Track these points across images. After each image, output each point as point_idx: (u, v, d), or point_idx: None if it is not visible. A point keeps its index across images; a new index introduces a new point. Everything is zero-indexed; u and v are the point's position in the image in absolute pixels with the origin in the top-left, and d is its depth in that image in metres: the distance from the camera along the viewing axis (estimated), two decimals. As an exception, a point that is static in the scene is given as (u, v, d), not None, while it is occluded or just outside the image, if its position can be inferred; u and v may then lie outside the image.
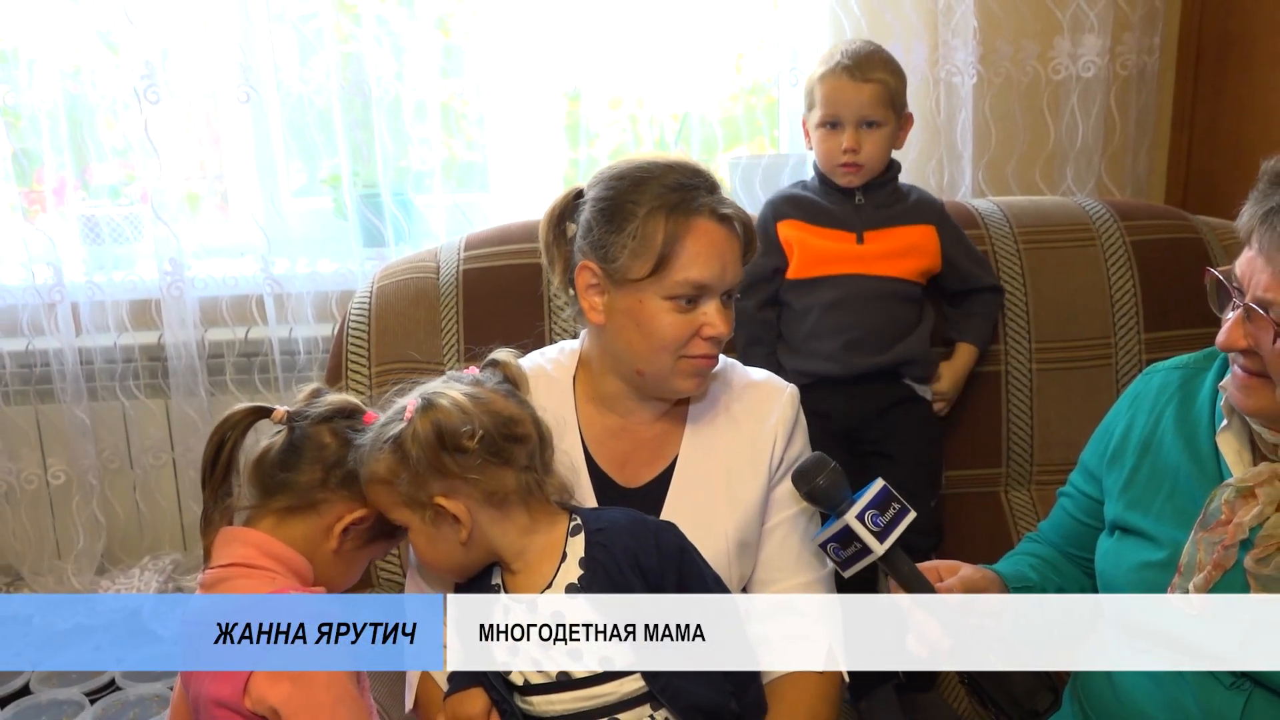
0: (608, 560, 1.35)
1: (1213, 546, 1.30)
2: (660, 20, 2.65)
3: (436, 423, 1.31)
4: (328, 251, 2.78)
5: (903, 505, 1.38)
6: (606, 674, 1.34)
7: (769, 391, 1.58)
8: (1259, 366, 1.26)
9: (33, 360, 2.75)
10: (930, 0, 2.59)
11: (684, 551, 1.40)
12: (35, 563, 2.87)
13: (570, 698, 1.35)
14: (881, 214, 1.96)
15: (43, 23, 2.56)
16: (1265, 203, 1.25)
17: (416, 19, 2.63)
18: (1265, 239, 1.23)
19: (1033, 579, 1.51)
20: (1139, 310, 2.06)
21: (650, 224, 1.42)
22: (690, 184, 1.45)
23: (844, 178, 1.95)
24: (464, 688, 1.39)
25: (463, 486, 1.33)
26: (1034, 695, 1.31)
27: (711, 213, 1.44)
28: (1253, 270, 1.25)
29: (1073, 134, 2.68)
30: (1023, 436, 2.06)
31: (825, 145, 1.95)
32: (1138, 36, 2.63)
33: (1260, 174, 1.28)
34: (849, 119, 1.92)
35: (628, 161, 1.50)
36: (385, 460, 1.33)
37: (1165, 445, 1.42)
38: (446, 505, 1.32)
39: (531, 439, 1.37)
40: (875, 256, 1.94)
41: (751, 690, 1.43)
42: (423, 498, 1.33)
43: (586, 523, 1.39)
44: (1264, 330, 1.24)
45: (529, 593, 1.36)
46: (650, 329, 1.44)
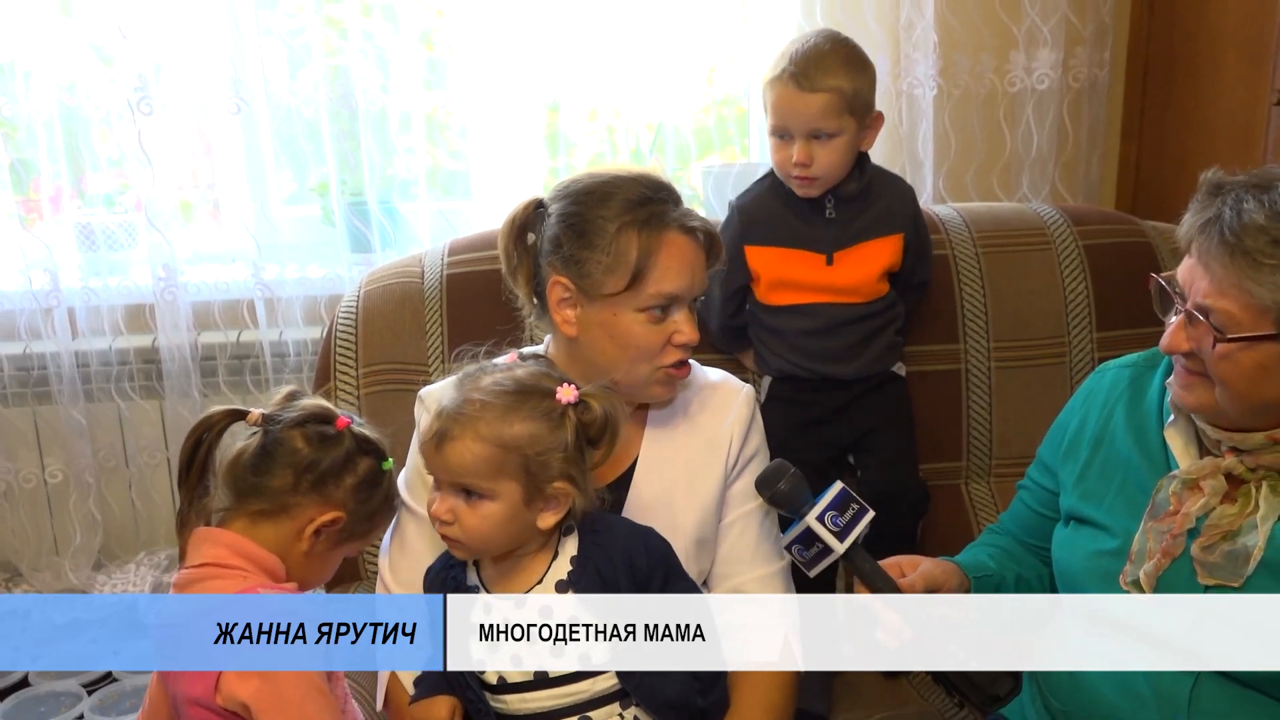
0: (601, 559, 1.34)
1: (1161, 535, 1.31)
2: (636, 35, 2.65)
3: (606, 411, 1.31)
4: (316, 257, 2.77)
5: (861, 506, 1.38)
6: (581, 672, 1.33)
7: (726, 392, 1.57)
8: (1200, 367, 1.27)
9: (30, 363, 2.72)
10: (892, 16, 2.59)
11: (669, 554, 1.40)
12: (34, 559, 2.84)
13: (545, 695, 1.34)
14: (852, 228, 1.82)
15: (38, 37, 2.53)
16: (1203, 213, 1.25)
17: (401, 34, 2.61)
18: (1203, 248, 1.24)
19: (992, 568, 1.52)
20: (1091, 311, 2.07)
21: (623, 240, 1.41)
22: (656, 198, 1.44)
23: (800, 189, 1.80)
24: (430, 693, 1.38)
25: (578, 475, 1.32)
26: (995, 681, 1.32)
27: (680, 227, 1.43)
28: (1193, 277, 1.26)
29: (1028, 143, 2.69)
30: (982, 431, 2.07)
31: (777, 155, 1.78)
32: (1089, 51, 2.65)
33: (1199, 184, 1.29)
34: (798, 131, 1.73)
35: (590, 176, 1.48)
36: (528, 430, 1.28)
37: (1116, 439, 1.42)
38: (567, 490, 1.31)
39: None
40: (844, 281, 1.83)
41: (717, 688, 1.43)
42: (545, 476, 1.30)
43: (579, 524, 1.37)
44: (1204, 334, 1.24)
45: (516, 586, 1.35)
46: (625, 340, 1.44)
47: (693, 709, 1.38)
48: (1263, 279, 1.19)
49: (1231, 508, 1.29)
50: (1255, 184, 1.24)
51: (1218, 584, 1.28)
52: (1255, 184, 1.24)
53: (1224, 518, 1.28)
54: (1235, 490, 1.30)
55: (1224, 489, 1.30)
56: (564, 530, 1.37)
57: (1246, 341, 1.21)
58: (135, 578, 2.81)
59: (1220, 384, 1.25)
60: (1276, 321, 1.20)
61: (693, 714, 1.38)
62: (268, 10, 2.66)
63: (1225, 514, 1.29)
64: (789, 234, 1.83)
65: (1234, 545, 1.27)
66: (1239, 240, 1.20)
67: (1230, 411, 1.27)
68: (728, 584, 1.53)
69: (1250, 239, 1.20)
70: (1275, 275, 1.19)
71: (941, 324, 2.06)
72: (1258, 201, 1.22)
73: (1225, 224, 1.22)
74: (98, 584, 2.81)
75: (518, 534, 1.33)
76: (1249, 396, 1.24)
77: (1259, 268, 1.19)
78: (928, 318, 2.04)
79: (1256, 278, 1.19)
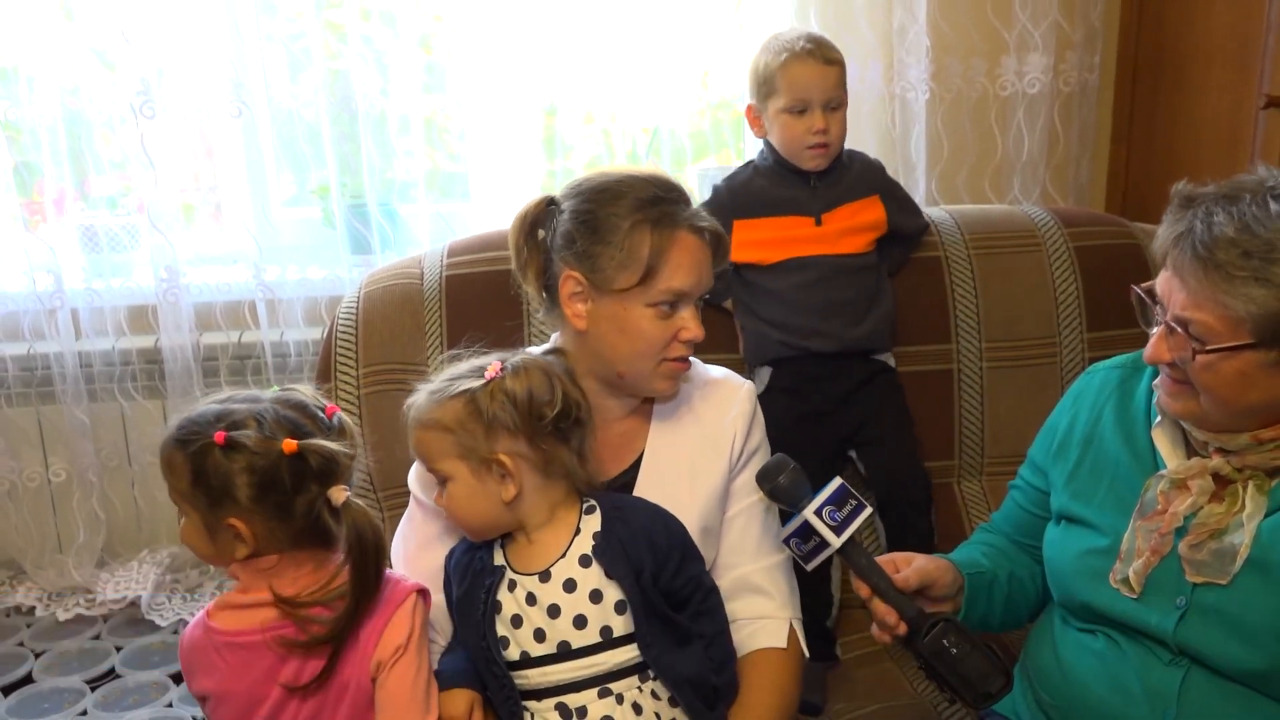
0: (625, 533, 1.38)
1: (1150, 534, 1.32)
2: (632, 40, 2.66)
3: (529, 386, 1.35)
4: (317, 259, 2.77)
5: (859, 501, 1.38)
6: (604, 643, 1.35)
7: (728, 388, 1.58)
8: (1184, 376, 1.27)
9: (34, 363, 2.72)
10: (885, 21, 2.60)
11: (686, 536, 1.43)
12: (37, 557, 2.84)
13: (566, 668, 1.36)
14: (834, 192, 1.93)
15: (42, 41, 2.54)
16: (1175, 226, 1.25)
17: (400, 38, 2.62)
18: (1177, 261, 1.24)
19: (985, 565, 1.52)
20: (1081, 311, 2.07)
21: (636, 237, 1.43)
22: (668, 197, 1.46)
23: (812, 161, 1.90)
24: (448, 685, 1.39)
25: (526, 449, 1.36)
26: (987, 678, 1.32)
27: (691, 227, 1.45)
28: (1170, 289, 1.26)
29: (1019, 146, 2.70)
30: (974, 431, 2.07)
31: (792, 130, 1.88)
32: (1079, 55, 2.66)
33: (1171, 196, 1.28)
34: (818, 101, 1.86)
35: (602, 175, 1.50)
36: (455, 409, 1.35)
37: (1106, 440, 1.43)
38: (507, 462, 1.35)
39: (586, 426, 1.42)
40: (834, 235, 1.92)
41: (729, 668, 1.45)
42: (484, 451, 1.35)
43: (602, 503, 1.41)
44: (1185, 345, 1.24)
45: (540, 562, 1.38)
46: (634, 334, 1.45)
47: (707, 687, 1.40)
48: (1235, 291, 1.19)
49: (1219, 507, 1.29)
50: (1225, 195, 1.24)
51: (1205, 581, 1.28)
52: (1225, 195, 1.24)
53: (1211, 517, 1.29)
54: (1222, 490, 1.30)
55: (1211, 488, 1.30)
56: (586, 509, 1.41)
57: (1226, 352, 1.21)
58: (138, 575, 2.81)
59: (1204, 392, 1.25)
60: (1253, 331, 1.20)
61: (706, 692, 1.40)
62: (268, 15, 2.67)
63: (1213, 513, 1.29)
64: (777, 204, 1.94)
65: (1221, 543, 1.27)
66: (1210, 254, 1.20)
67: (1215, 417, 1.27)
68: (732, 574, 1.54)
69: (1222, 252, 1.20)
70: (1247, 287, 1.19)
71: (934, 324, 2.06)
72: (1227, 214, 1.21)
73: (1197, 237, 1.22)
74: (100, 581, 2.81)
75: (490, 510, 1.38)
76: (1233, 403, 1.25)
77: (1231, 280, 1.19)
78: (920, 318, 2.05)
79: (1230, 290, 1.19)
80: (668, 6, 2.64)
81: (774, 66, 1.89)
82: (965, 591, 1.46)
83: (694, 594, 1.41)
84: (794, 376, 1.93)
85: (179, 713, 2.42)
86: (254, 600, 1.32)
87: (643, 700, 1.36)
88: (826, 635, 1.88)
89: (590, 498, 1.42)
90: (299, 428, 1.31)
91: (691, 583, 1.41)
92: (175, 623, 2.73)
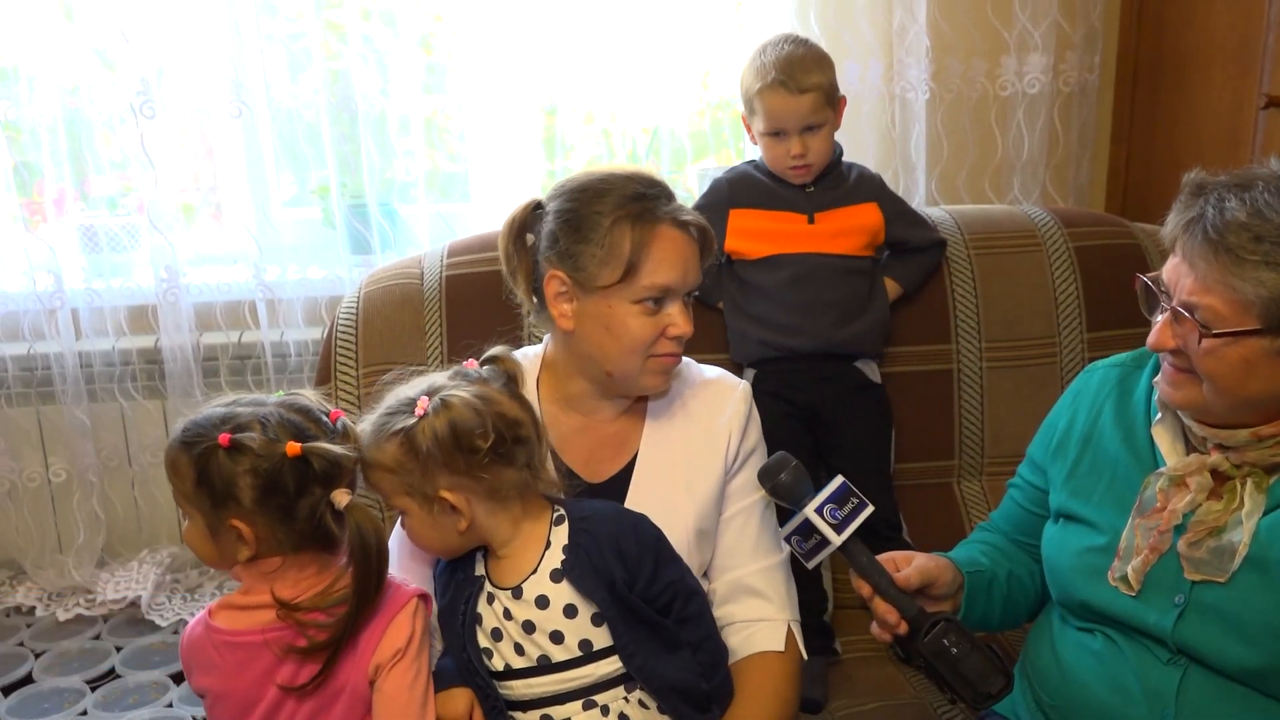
0: (590, 545, 1.35)
1: (1149, 532, 1.32)
2: (632, 40, 2.66)
3: (453, 422, 1.30)
4: (317, 259, 2.77)
5: (861, 500, 1.38)
6: (585, 656, 1.34)
7: (723, 388, 1.58)
8: (1187, 364, 1.27)
9: (34, 364, 2.72)
10: (885, 22, 2.60)
11: (660, 540, 1.41)
12: (37, 557, 2.84)
13: (549, 680, 1.35)
14: (829, 196, 1.96)
15: (42, 42, 2.54)
16: (1186, 213, 1.26)
17: (400, 38, 2.62)
18: (1187, 246, 1.25)
19: (984, 564, 1.52)
20: (1081, 311, 2.07)
21: (617, 233, 1.42)
22: (649, 194, 1.45)
23: (795, 177, 1.95)
24: (447, 686, 1.38)
25: (468, 482, 1.33)
26: (987, 679, 1.31)
27: (673, 221, 1.45)
28: (1178, 275, 1.27)
29: (1019, 146, 2.69)
30: (974, 430, 2.07)
31: (773, 152, 1.94)
32: (1079, 56, 2.66)
33: (1182, 185, 1.29)
34: (793, 129, 1.90)
35: (586, 174, 1.49)
36: (392, 451, 1.33)
37: (1105, 438, 1.43)
38: (450, 498, 1.33)
39: (532, 440, 1.37)
40: (826, 235, 1.94)
41: (720, 672, 1.44)
42: (428, 490, 1.33)
43: (570, 512, 1.39)
44: (1190, 331, 1.25)
45: (514, 577, 1.36)
46: (620, 331, 1.44)
47: (696, 693, 1.38)
48: (1245, 274, 1.20)
49: (1217, 504, 1.29)
50: (1236, 183, 1.25)
51: (1204, 579, 1.28)
52: (1236, 183, 1.25)
53: (1210, 514, 1.29)
54: (1221, 487, 1.30)
55: (1210, 485, 1.30)
56: (555, 519, 1.39)
57: (1231, 336, 1.22)
58: (138, 575, 2.81)
59: (1207, 380, 1.25)
60: (1260, 316, 1.20)
61: (697, 698, 1.39)
62: (268, 15, 2.67)
63: (1211, 510, 1.29)
64: (773, 199, 1.97)
65: (1220, 541, 1.27)
66: (1221, 237, 1.21)
67: (1217, 407, 1.27)
68: (729, 576, 1.53)
69: (1233, 236, 1.20)
70: (1258, 270, 1.19)
71: (933, 324, 2.06)
72: (1239, 200, 1.22)
73: (1208, 222, 1.23)
74: (101, 582, 2.81)
75: (448, 538, 1.37)
76: (1235, 391, 1.25)
77: (1241, 263, 1.20)
78: (919, 318, 2.05)
79: (1240, 273, 1.20)
80: (668, 7, 2.64)
81: (751, 91, 1.93)
82: (965, 590, 1.46)
83: (674, 600, 1.39)
84: (775, 379, 1.92)
85: (179, 713, 2.42)
86: (255, 602, 1.32)
87: (629, 710, 1.36)
88: (825, 630, 1.88)
89: (559, 505, 1.40)
90: (303, 431, 1.31)
91: (670, 589, 1.38)
92: (175, 623, 2.73)
